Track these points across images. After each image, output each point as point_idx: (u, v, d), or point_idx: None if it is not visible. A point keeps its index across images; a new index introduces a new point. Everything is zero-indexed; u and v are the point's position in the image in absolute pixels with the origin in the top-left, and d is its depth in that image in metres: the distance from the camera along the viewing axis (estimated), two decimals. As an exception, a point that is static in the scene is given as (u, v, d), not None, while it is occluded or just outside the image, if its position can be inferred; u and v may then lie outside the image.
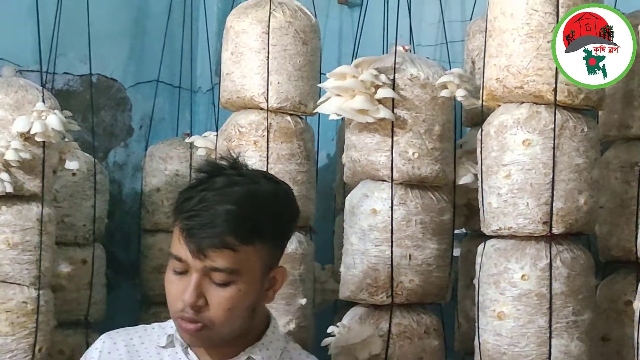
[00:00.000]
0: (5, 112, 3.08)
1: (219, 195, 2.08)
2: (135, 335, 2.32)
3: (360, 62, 2.88)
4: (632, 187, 2.76)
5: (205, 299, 2.07)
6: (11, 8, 3.64)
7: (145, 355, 2.28)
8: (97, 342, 2.32)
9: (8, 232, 3.06)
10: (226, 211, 2.05)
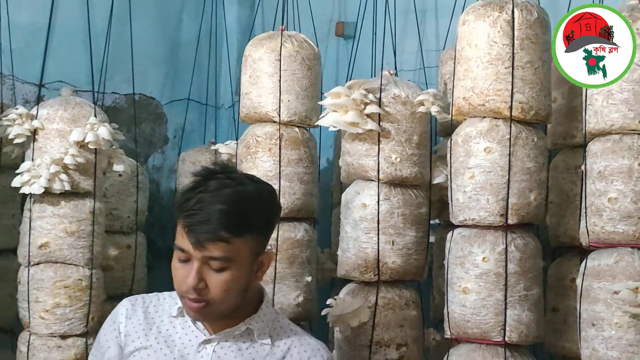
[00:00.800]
0: (64, 125, 3.11)
1: (212, 196, 2.12)
2: (150, 304, 2.35)
3: (352, 84, 2.91)
4: (576, 185, 2.75)
5: (205, 282, 2.12)
6: (69, 39, 3.63)
7: (159, 322, 2.30)
8: (120, 307, 2.36)
9: (66, 222, 3.09)
10: (219, 210, 2.10)
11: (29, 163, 3.12)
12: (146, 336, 2.30)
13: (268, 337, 2.29)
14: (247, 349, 2.28)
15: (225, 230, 2.12)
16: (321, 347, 2.41)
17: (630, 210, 2.43)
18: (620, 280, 2.40)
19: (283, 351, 2.31)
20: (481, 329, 2.65)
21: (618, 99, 2.47)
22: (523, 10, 2.66)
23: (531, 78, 2.67)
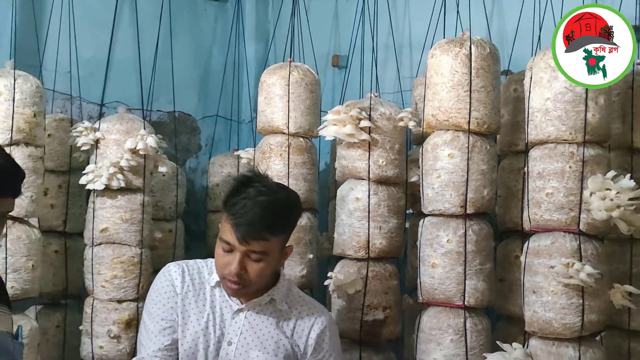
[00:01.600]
0: (120, 136, 3.10)
1: (253, 203, 2.14)
2: (193, 271, 2.34)
3: (349, 104, 2.89)
4: (519, 183, 2.74)
5: (246, 269, 2.13)
6: (124, 68, 3.63)
7: (200, 290, 2.30)
8: (172, 272, 2.33)
9: (122, 212, 3.08)
10: (260, 215, 2.12)
11: (92, 165, 3.11)
12: (195, 301, 2.30)
13: (285, 304, 2.31)
14: (271, 314, 2.30)
15: (266, 231, 2.14)
16: (324, 309, 2.45)
17: (563, 203, 2.43)
18: (556, 258, 2.40)
19: (296, 313, 2.32)
20: (446, 295, 2.65)
21: (553, 116, 2.44)
22: (478, 46, 2.65)
23: (484, 99, 2.64)
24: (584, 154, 2.42)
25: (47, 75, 3.38)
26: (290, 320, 2.31)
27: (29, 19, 3.48)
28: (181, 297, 2.28)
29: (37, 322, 3.08)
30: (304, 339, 2.30)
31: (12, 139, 2.89)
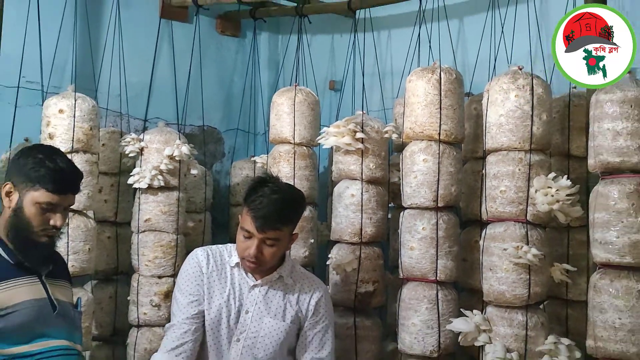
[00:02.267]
0: (160, 145, 3.09)
1: (269, 200, 2.16)
2: (216, 254, 2.34)
3: (347, 119, 2.89)
4: (478, 182, 2.71)
5: (262, 252, 2.15)
6: (163, 90, 3.62)
7: (222, 270, 2.31)
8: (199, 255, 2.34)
9: (161, 205, 3.07)
10: (275, 210, 2.15)
11: (138, 169, 3.11)
12: (219, 278, 2.31)
13: (291, 279, 2.33)
14: (279, 288, 2.33)
15: (279, 223, 2.18)
16: (321, 282, 2.48)
17: (513, 198, 2.43)
18: (507, 242, 2.41)
19: (299, 286, 2.35)
20: (422, 272, 2.65)
21: (506, 129, 2.44)
22: (446, 73, 2.64)
23: (451, 115, 2.64)
24: (530, 159, 2.43)
25: (101, 97, 3.38)
26: (295, 292, 2.34)
27: (87, 52, 3.48)
28: (207, 276, 2.30)
29: (92, 294, 3.08)
30: (305, 306, 2.33)
31: (73, 147, 2.89)
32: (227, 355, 2.28)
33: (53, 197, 1.95)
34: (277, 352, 2.29)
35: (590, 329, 2.18)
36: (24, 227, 1.95)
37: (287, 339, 2.30)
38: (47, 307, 1.98)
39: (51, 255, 2.09)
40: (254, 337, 2.26)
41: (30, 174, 1.95)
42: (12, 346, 1.89)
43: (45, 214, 1.95)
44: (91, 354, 3.13)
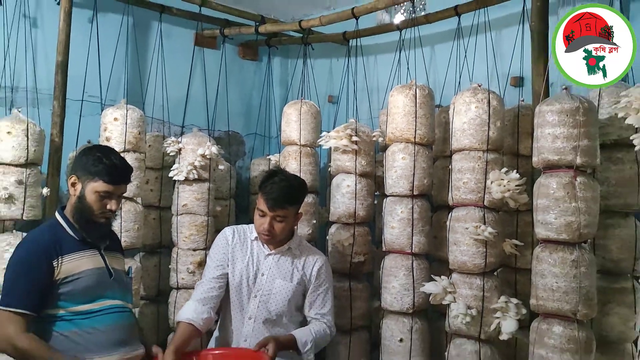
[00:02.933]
0: (194, 146, 3.08)
1: (278, 186, 2.19)
2: (241, 231, 2.38)
3: (345, 126, 2.91)
4: (446, 175, 2.69)
5: (273, 227, 2.17)
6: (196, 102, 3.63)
7: (244, 243, 2.36)
8: (227, 232, 2.39)
9: (195, 194, 3.08)
10: (283, 193, 2.18)
11: (177, 165, 3.12)
12: (241, 249, 2.34)
13: (298, 250, 2.36)
14: (288, 256, 2.36)
15: (286, 203, 2.22)
16: (322, 253, 2.50)
17: (473, 188, 2.44)
18: (469, 222, 2.41)
19: (305, 256, 2.38)
20: (400, 246, 2.66)
21: (468, 134, 2.45)
22: (421, 89, 2.65)
23: (425, 122, 2.65)
24: (487, 157, 2.44)
25: (148, 107, 3.39)
26: (301, 260, 2.36)
27: (136, 72, 3.50)
28: (231, 247, 2.34)
29: (141, 264, 3.11)
30: (309, 272, 2.36)
31: (125, 148, 2.90)
32: (247, 309, 2.32)
33: (109, 187, 1.97)
34: (286, 307, 2.32)
35: (534, 290, 2.19)
36: (86, 211, 1.97)
37: (294, 297, 2.33)
38: (105, 274, 2.01)
39: (108, 233, 2.11)
40: (268, 294, 2.30)
41: (91, 169, 1.97)
42: (79, 305, 1.92)
43: (103, 201, 1.97)
44: (140, 311, 3.16)
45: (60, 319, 1.89)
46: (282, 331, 2.30)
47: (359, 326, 2.94)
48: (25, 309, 1.83)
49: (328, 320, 2.39)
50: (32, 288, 1.85)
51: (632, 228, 2.34)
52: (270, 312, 2.30)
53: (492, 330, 2.38)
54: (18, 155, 2.63)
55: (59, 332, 1.89)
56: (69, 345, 1.88)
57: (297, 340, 2.24)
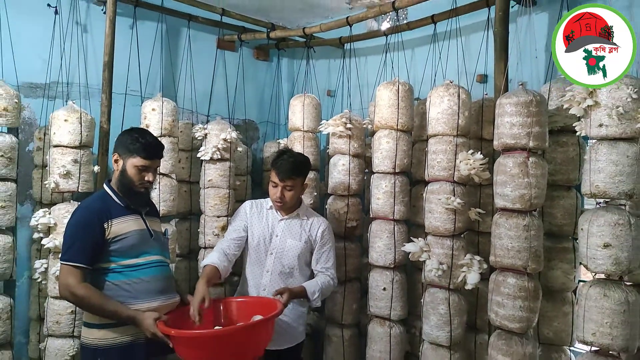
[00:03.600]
0: (218, 132, 3.06)
1: (286, 162, 2.19)
2: (258, 203, 2.39)
3: (340, 115, 2.89)
4: (423, 156, 2.63)
5: (284, 195, 2.16)
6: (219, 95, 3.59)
7: (261, 212, 2.36)
8: (247, 204, 2.39)
9: (219, 171, 3.06)
10: (290, 167, 2.17)
11: (203, 147, 3.11)
12: (258, 217, 2.34)
13: (305, 216, 2.36)
14: (297, 222, 2.36)
15: (293, 174, 2.21)
16: (324, 219, 2.50)
17: (445, 166, 2.43)
18: (441, 194, 2.41)
19: (311, 220, 2.38)
20: (384, 213, 2.66)
21: (441, 122, 2.43)
22: (402, 85, 2.63)
23: (406, 113, 2.63)
24: (457, 141, 2.42)
25: (179, 100, 3.37)
26: (308, 224, 2.37)
27: (169, 70, 3.46)
28: (249, 215, 2.36)
29: (175, 227, 3.11)
30: (315, 234, 2.36)
31: (162, 133, 2.89)
32: (265, 264, 2.35)
33: (145, 162, 1.96)
34: (297, 262, 2.34)
35: (492, 249, 2.20)
36: (128, 182, 1.97)
37: (302, 253, 2.35)
38: (146, 234, 2.02)
39: (147, 200, 2.10)
40: (281, 251, 2.32)
41: (130, 147, 1.97)
42: (127, 259, 1.94)
43: (141, 173, 1.97)
44: (175, 266, 3.17)
45: (112, 271, 1.91)
46: (294, 282, 2.33)
47: (351, 278, 2.96)
48: (82, 263, 1.85)
49: (331, 273, 2.41)
50: (87, 246, 1.87)
51: (573, 199, 2.35)
52: (284, 266, 2.32)
53: (459, 281, 2.40)
54: (73, 139, 2.62)
55: (111, 281, 1.91)
56: (120, 292, 1.90)
57: (306, 290, 2.27)
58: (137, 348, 1.91)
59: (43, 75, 2.90)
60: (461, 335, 2.46)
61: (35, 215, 2.60)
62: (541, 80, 2.58)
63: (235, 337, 1.78)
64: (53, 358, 2.54)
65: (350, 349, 2.93)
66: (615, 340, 1.83)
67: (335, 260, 2.45)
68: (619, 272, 1.87)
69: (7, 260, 2.44)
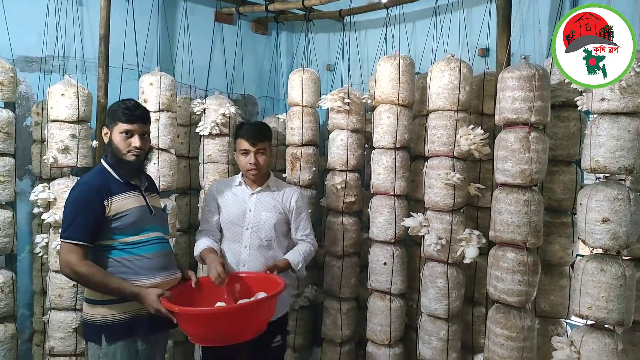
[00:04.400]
0: (216, 106, 3.03)
1: (252, 126, 2.24)
2: (224, 183, 2.36)
3: (339, 90, 2.85)
4: (423, 131, 2.66)
5: (257, 160, 2.14)
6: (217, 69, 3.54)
7: (229, 191, 2.31)
8: (212, 187, 2.36)
9: (218, 146, 3.03)
10: (258, 129, 2.22)
11: (202, 122, 3.08)
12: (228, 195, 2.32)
13: (275, 187, 2.33)
14: (269, 194, 2.31)
15: (263, 136, 2.19)
16: (297, 189, 2.46)
17: (445, 141, 2.42)
18: (441, 170, 2.40)
19: (282, 191, 2.34)
20: (385, 189, 2.65)
21: (442, 96, 2.41)
22: (403, 59, 2.59)
23: (406, 87, 2.60)
24: (457, 116, 2.40)
25: (177, 74, 3.32)
26: (280, 195, 2.34)
27: (167, 44, 3.40)
28: (218, 195, 2.34)
29: (175, 202, 3.10)
30: (288, 204, 2.34)
31: (160, 108, 2.85)
32: (242, 239, 2.30)
33: (128, 126, 1.92)
34: (274, 234, 2.30)
35: (492, 224, 2.21)
36: (116, 152, 1.94)
37: (278, 224, 2.31)
38: (146, 211, 2.00)
39: (140, 169, 2.03)
40: (257, 225, 2.28)
41: (112, 115, 1.95)
42: (128, 236, 1.92)
43: (127, 140, 1.93)
44: (175, 240, 3.17)
45: (114, 248, 1.90)
46: (273, 254, 2.28)
47: (350, 252, 2.98)
48: (82, 241, 1.84)
49: (311, 239, 2.39)
50: (87, 224, 1.85)
51: (573, 174, 2.34)
52: (261, 239, 2.27)
53: (458, 255, 2.41)
54: (71, 113, 2.59)
55: (113, 258, 1.90)
56: (122, 269, 1.89)
57: (290, 262, 2.25)
58: (140, 323, 1.92)
59: (39, 49, 2.85)
60: (459, 308, 2.49)
61: (34, 190, 2.60)
62: (544, 53, 2.55)
63: (239, 314, 1.79)
64: (57, 330, 2.57)
65: (347, 322, 2.96)
66: (611, 314, 1.85)
67: (311, 227, 2.41)
68: (617, 246, 1.88)
69: (8, 235, 2.44)
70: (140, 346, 1.92)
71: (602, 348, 1.84)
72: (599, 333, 1.89)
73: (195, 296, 2.02)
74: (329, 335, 2.98)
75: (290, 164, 3.09)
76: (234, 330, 1.76)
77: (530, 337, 2.14)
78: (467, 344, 2.68)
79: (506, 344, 2.12)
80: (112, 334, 1.88)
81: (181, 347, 3.23)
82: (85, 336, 1.95)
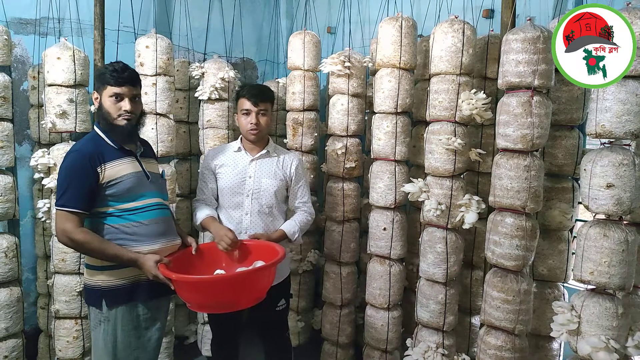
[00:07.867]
0: (215, 71, 2.96)
1: (254, 87, 2.20)
2: (222, 149, 2.32)
3: (339, 53, 2.78)
4: (424, 95, 2.58)
5: (258, 120, 2.11)
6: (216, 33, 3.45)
7: (228, 158, 2.26)
8: (209, 154, 2.31)
9: (217, 111, 2.96)
10: (260, 90, 2.18)
11: (201, 86, 3.01)
12: (227, 162, 2.29)
13: (275, 153, 2.29)
14: (269, 160, 2.28)
15: (265, 96, 2.15)
16: (297, 154, 2.42)
17: (447, 106, 2.36)
18: (442, 135, 2.35)
19: (282, 157, 2.30)
20: (385, 154, 2.61)
21: (444, 60, 2.32)
22: (406, 21, 2.50)
23: (408, 50, 2.52)
24: (460, 80, 2.34)
25: (174, 37, 3.25)
26: (280, 161, 2.30)
27: (163, 5, 3.29)
28: (215, 163, 2.29)
29: (175, 168, 3.07)
30: (288, 170, 2.30)
31: (157, 72, 2.78)
32: (242, 206, 2.26)
33: (116, 89, 1.86)
34: (274, 200, 2.27)
35: (492, 190, 2.18)
36: (107, 116, 1.88)
37: (278, 190, 2.28)
38: (143, 177, 1.96)
39: (132, 133, 1.95)
40: (257, 191, 2.24)
41: (100, 78, 1.89)
42: (124, 203, 1.89)
43: (117, 104, 1.88)
44: (176, 205, 3.16)
45: (111, 215, 1.87)
46: (273, 220, 2.27)
47: (350, 218, 2.96)
48: (77, 209, 1.80)
49: (308, 207, 2.37)
50: (82, 191, 1.81)
51: (575, 139, 2.29)
52: (262, 206, 2.24)
53: (458, 220, 2.39)
54: (67, 77, 2.52)
55: (110, 225, 1.87)
56: (120, 235, 1.87)
57: (286, 233, 2.23)
58: (140, 289, 1.91)
59: (32, 10, 2.76)
60: (457, 273, 2.49)
61: (34, 156, 2.56)
62: (550, 15, 2.45)
63: (237, 282, 1.77)
64: (61, 294, 2.58)
65: (347, 285, 2.98)
66: (613, 279, 1.83)
67: (309, 195, 2.39)
68: (620, 212, 1.84)
69: (9, 200, 2.42)
70: (142, 311, 1.93)
71: (603, 312, 1.84)
72: (599, 297, 1.88)
73: (195, 263, 2.00)
74: (329, 299, 3.00)
75: (291, 129, 3.03)
76: (231, 298, 1.75)
77: (526, 301, 2.14)
78: (465, 306, 2.70)
79: (502, 306, 2.12)
80: (112, 300, 1.88)
81: (184, 309, 3.26)
82: (87, 301, 1.95)
